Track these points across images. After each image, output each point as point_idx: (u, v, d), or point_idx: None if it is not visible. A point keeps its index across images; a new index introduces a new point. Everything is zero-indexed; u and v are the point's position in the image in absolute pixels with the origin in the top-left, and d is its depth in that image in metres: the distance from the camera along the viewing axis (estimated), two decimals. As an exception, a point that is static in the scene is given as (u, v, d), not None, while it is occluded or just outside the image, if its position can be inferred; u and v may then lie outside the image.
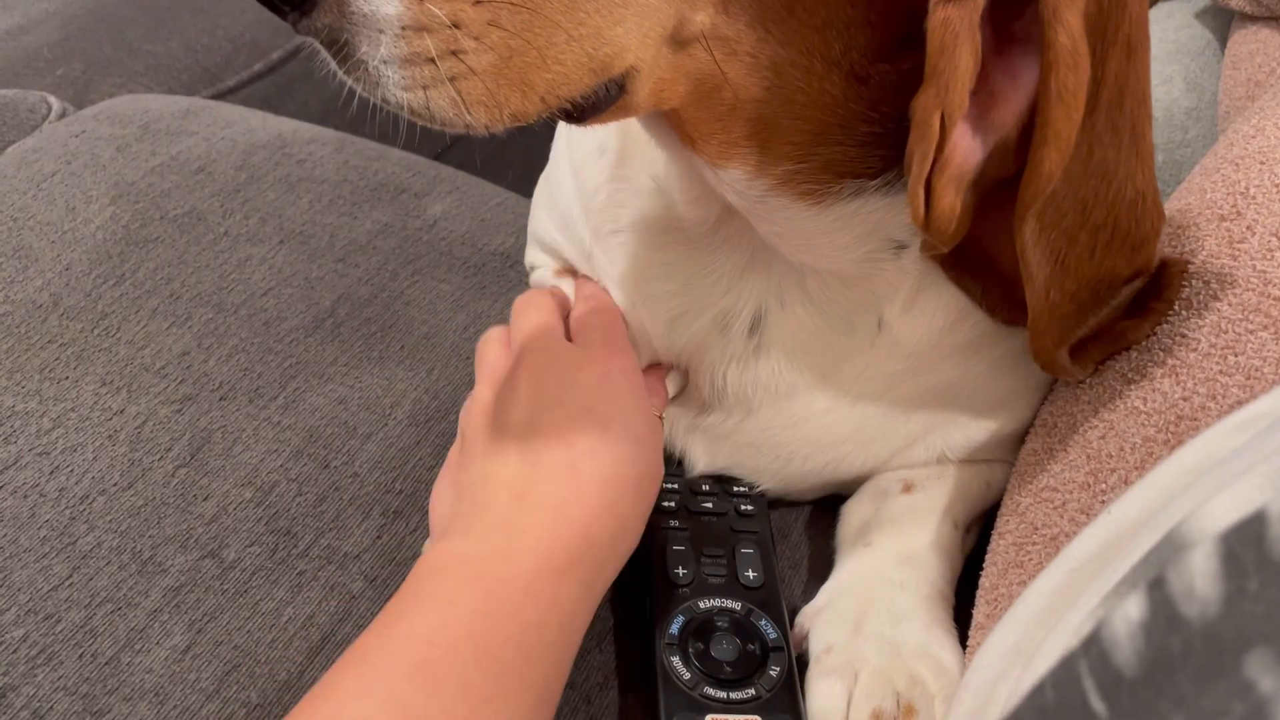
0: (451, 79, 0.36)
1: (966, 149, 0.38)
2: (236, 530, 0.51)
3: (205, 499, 0.52)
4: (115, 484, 0.52)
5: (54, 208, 0.66)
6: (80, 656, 0.45)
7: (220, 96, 1.00)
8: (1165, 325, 0.45)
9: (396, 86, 0.36)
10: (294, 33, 0.37)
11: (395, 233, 0.70)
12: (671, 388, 0.54)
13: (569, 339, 0.52)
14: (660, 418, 0.52)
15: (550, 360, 0.48)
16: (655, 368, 0.55)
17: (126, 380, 0.57)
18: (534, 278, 0.65)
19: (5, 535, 0.49)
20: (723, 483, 0.55)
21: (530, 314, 0.52)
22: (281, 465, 0.54)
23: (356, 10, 0.34)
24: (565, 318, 0.54)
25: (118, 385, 0.56)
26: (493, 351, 0.53)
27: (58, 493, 0.51)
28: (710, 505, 0.53)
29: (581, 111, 0.39)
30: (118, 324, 0.59)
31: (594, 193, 0.54)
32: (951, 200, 0.38)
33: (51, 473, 0.52)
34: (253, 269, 0.64)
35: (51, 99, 0.81)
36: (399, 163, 0.77)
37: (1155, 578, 0.20)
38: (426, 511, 0.54)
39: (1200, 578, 0.19)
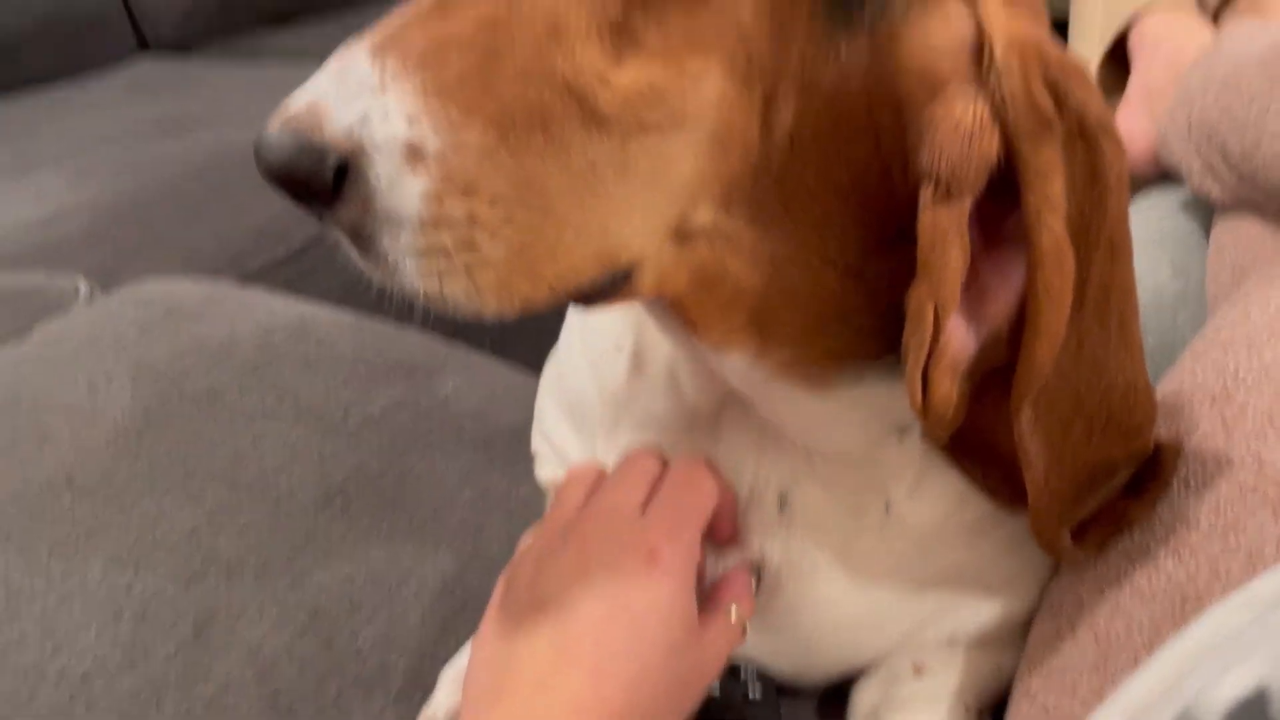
0: (466, 269, 0.38)
1: (961, 340, 0.40)
2: (236, 710, 0.50)
3: (206, 679, 0.51)
4: (117, 664, 0.51)
5: (76, 387, 0.68)
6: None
7: (244, 281, 1.04)
8: (1166, 505, 0.46)
9: (414, 275, 0.38)
10: (315, 222, 0.39)
11: (408, 409, 0.72)
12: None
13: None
14: (736, 619, 0.49)
15: (604, 539, 0.47)
16: (740, 570, 0.52)
17: (135, 557, 0.57)
18: (538, 470, 0.66)
19: (3, 717, 0.49)
20: (730, 666, 0.54)
21: (620, 480, 0.51)
22: (285, 643, 0.54)
23: (379, 207, 0.37)
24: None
25: (126, 562, 0.57)
26: (572, 495, 0.52)
27: (58, 674, 0.51)
28: (716, 693, 0.52)
29: (588, 298, 0.41)
30: (131, 501, 0.60)
31: (615, 393, 0.56)
32: (948, 389, 0.39)
33: (54, 652, 0.52)
34: (267, 445, 0.66)
35: (81, 282, 0.84)
36: (414, 342, 0.80)
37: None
38: (429, 691, 0.53)
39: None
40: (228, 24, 1.92)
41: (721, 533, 0.51)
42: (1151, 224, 0.88)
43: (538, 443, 0.66)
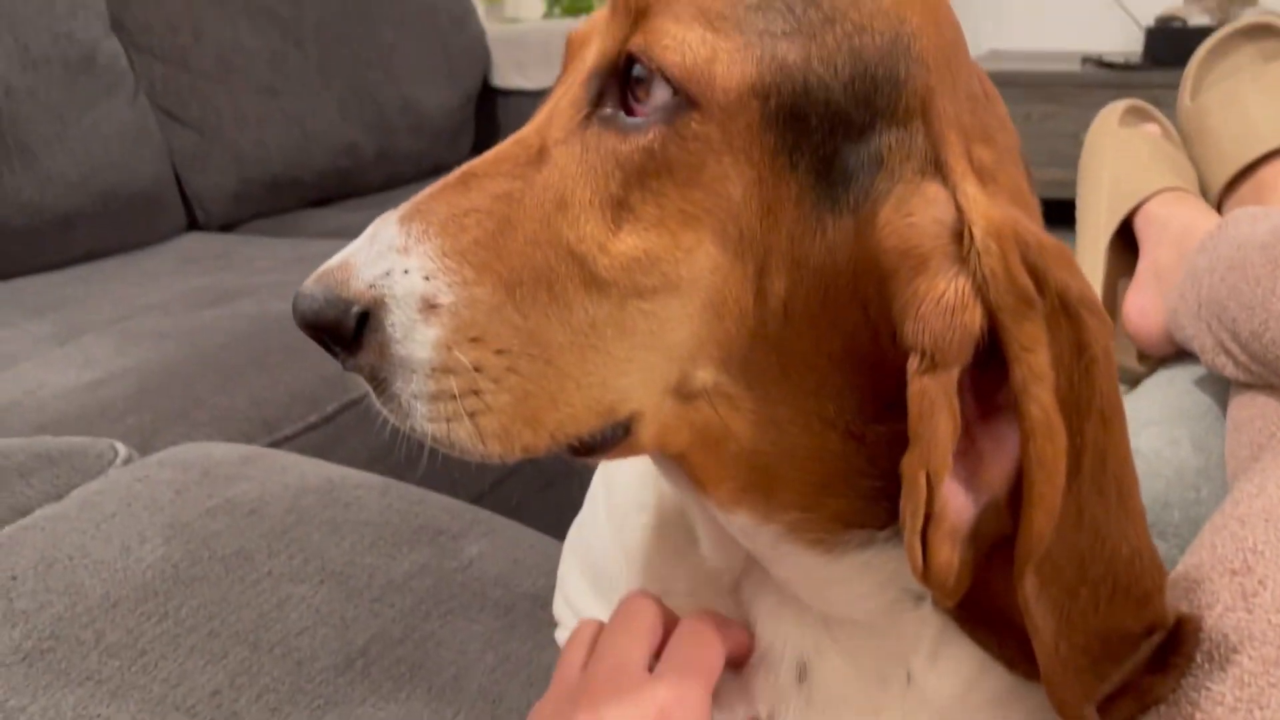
0: (471, 414, 0.41)
1: (959, 506, 0.41)
2: None
3: (219, 847, 0.50)
4: (130, 828, 0.51)
5: (110, 547, 0.69)
6: None
7: (277, 444, 1.07)
8: (1190, 679, 0.46)
9: (423, 418, 0.42)
10: (347, 389, 0.43)
11: (431, 573, 0.72)
12: None
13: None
14: None
15: (614, 700, 0.47)
16: None
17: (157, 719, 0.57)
18: (559, 636, 0.67)
19: None
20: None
21: (622, 632, 0.50)
22: (300, 812, 0.53)
23: (394, 354, 0.41)
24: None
25: (147, 723, 0.56)
26: (575, 656, 0.52)
27: (72, 836, 0.50)
28: None
29: (589, 448, 0.44)
30: (155, 661, 0.61)
31: (637, 554, 0.57)
32: (948, 555, 0.40)
33: (68, 814, 0.51)
34: (291, 608, 0.66)
35: (119, 446, 0.86)
36: (439, 506, 0.81)
37: None
38: None
39: None
40: (273, 206, 2.02)
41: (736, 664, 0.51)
42: (1170, 400, 0.89)
43: (560, 608, 0.67)
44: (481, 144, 2.52)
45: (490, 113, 2.54)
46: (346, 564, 0.71)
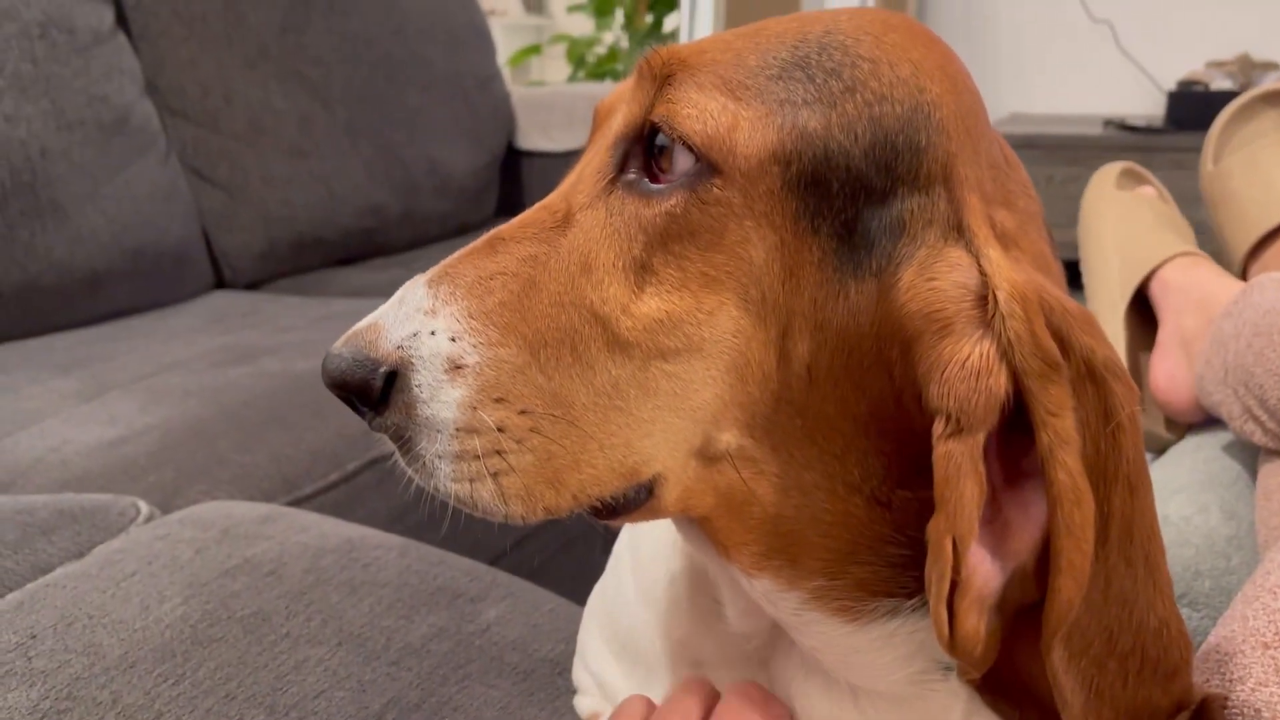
0: (494, 475, 0.41)
1: (986, 574, 0.40)
2: None
3: None
4: None
5: (129, 606, 0.69)
6: None
7: (298, 502, 1.07)
8: (1223, 756, 0.45)
9: (447, 478, 0.42)
10: (368, 447, 0.43)
11: (449, 636, 0.72)
12: None
13: None
14: None
15: None
16: None
17: (170, 783, 0.56)
18: (579, 702, 0.66)
19: None
20: None
21: (669, 716, 0.50)
22: None
23: (420, 414, 0.42)
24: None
25: (160, 788, 0.56)
26: None
27: None
28: None
29: (612, 510, 0.44)
30: (170, 723, 0.60)
31: (668, 625, 0.56)
32: (975, 623, 0.39)
33: None
34: (309, 670, 0.66)
35: (141, 504, 0.86)
36: (458, 567, 0.80)
37: None
38: None
39: None
40: (299, 265, 2.04)
41: None
42: (1199, 467, 0.88)
43: (580, 674, 0.66)
44: (505, 204, 2.55)
45: (515, 174, 2.57)
46: (365, 626, 0.71)
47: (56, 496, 0.86)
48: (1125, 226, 1.07)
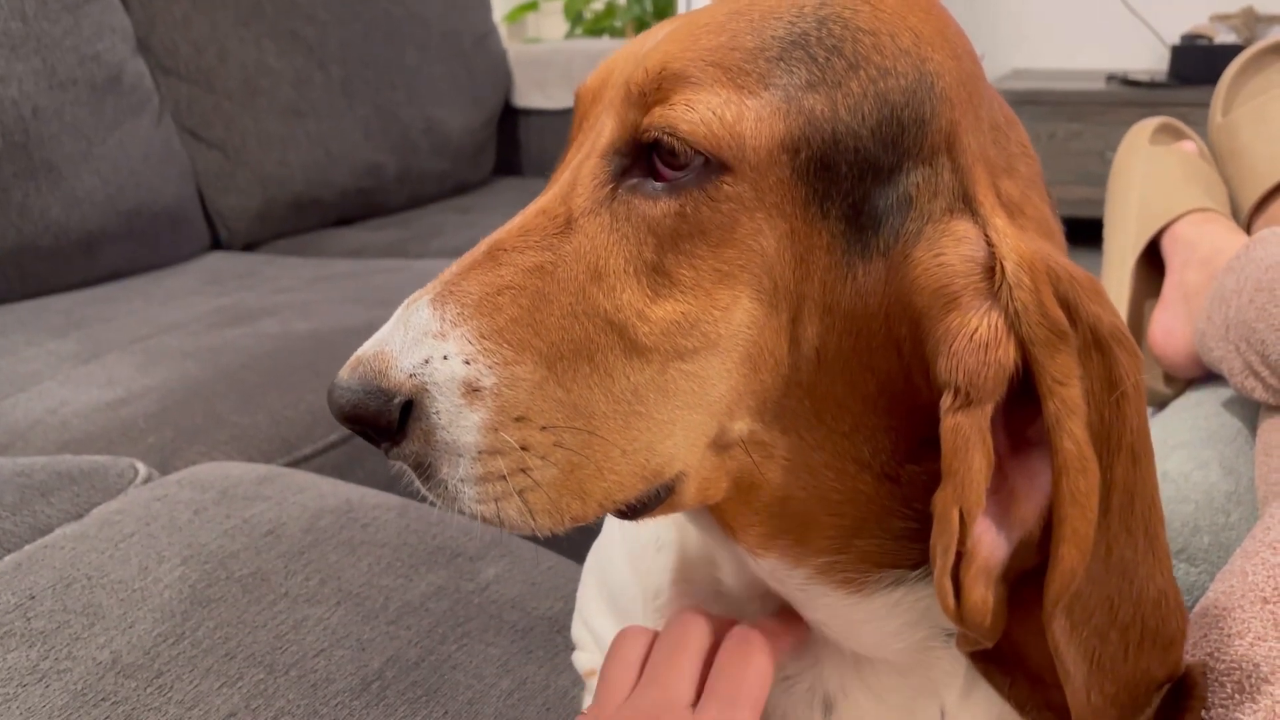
0: (519, 492, 0.41)
1: (991, 543, 0.40)
2: None
3: None
4: None
5: (128, 567, 0.69)
6: None
7: (296, 464, 1.07)
8: (1219, 710, 0.45)
9: (472, 500, 0.41)
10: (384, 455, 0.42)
11: (448, 595, 0.72)
12: None
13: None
14: None
15: None
16: None
17: (171, 741, 0.56)
18: (577, 658, 0.66)
19: None
20: None
21: (670, 665, 0.48)
22: (313, 838, 0.52)
23: (439, 440, 0.40)
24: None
25: (161, 746, 0.56)
26: (618, 676, 0.49)
27: None
28: None
29: (634, 511, 0.43)
30: (170, 683, 0.60)
31: (656, 595, 0.56)
32: (982, 593, 0.39)
33: (82, 838, 0.51)
34: (308, 629, 0.66)
35: (139, 465, 0.86)
36: (457, 527, 0.80)
37: None
38: None
39: None
40: (296, 226, 2.03)
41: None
42: (1199, 423, 0.88)
43: (578, 631, 0.66)
44: (503, 163, 2.53)
45: (512, 132, 2.55)
46: (364, 585, 0.71)
47: (55, 458, 0.86)
48: (1149, 181, 1.05)
